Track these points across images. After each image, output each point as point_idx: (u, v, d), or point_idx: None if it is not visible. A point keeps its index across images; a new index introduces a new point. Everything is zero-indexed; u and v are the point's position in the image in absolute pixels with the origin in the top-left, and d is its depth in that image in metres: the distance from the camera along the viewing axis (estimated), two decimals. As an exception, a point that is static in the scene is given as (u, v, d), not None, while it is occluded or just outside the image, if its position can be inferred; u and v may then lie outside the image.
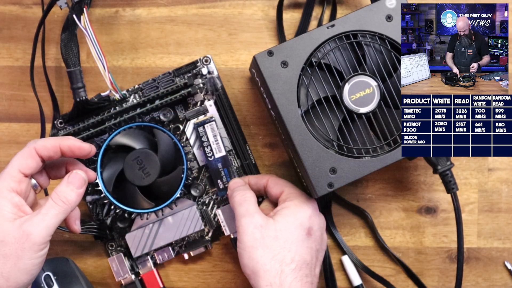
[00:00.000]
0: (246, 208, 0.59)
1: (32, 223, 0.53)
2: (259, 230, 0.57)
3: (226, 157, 0.65)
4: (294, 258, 0.57)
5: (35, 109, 0.67)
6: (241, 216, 0.59)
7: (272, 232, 0.58)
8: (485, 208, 0.68)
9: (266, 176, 0.64)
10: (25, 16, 0.68)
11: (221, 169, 0.65)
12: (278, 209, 0.60)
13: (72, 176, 0.57)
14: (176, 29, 0.68)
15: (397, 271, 0.68)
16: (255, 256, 0.57)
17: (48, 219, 0.54)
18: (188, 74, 0.66)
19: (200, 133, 0.64)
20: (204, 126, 0.64)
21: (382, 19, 0.59)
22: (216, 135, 0.64)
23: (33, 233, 0.53)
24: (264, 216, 0.59)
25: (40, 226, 0.53)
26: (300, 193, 0.62)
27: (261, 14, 0.68)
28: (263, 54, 0.59)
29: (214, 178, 0.65)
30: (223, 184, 0.65)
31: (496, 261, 0.68)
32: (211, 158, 0.65)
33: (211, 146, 0.64)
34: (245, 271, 0.58)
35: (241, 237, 0.58)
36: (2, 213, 0.53)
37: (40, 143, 0.56)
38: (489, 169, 0.68)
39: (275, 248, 0.57)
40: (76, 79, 0.63)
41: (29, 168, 0.56)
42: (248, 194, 0.60)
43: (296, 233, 0.58)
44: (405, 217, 0.68)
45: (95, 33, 0.62)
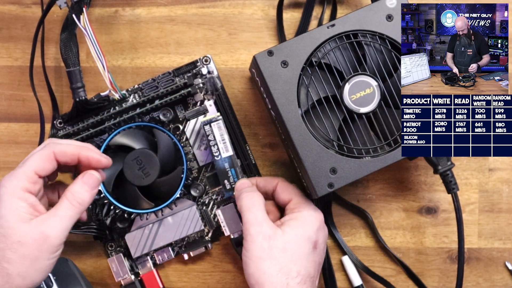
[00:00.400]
0: (254, 216, 0.58)
1: (50, 225, 0.54)
2: (267, 241, 0.56)
3: (234, 157, 0.64)
4: (300, 271, 0.57)
5: (34, 109, 0.67)
6: (249, 224, 0.57)
7: (281, 244, 0.57)
8: (486, 208, 0.67)
9: (275, 180, 0.63)
10: (24, 15, 0.68)
11: (228, 169, 0.64)
12: (286, 219, 0.59)
13: (86, 177, 0.57)
14: (176, 28, 0.68)
15: (398, 271, 0.68)
16: (262, 267, 0.56)
17: (65, 221, 0.55)
18: (188, 74, 0.66)
19: (207, 131, 0.63)
20: (211, 125, 0.63)
21: (382, 19, 0.59)
22: (223, 134, 0.63)
23: (51, 235, 0.54)
24: (273, 225, 0.58)
25: (57, 228, 0.54)
26: (308, 204, 0.61)
27: (261, 14, 0.68)
28: (263, 54, 0.59)
29: (221, 178, 0.64)
30: (230, 184, 0.64)
31: (497, 262, 0.67)
32: (218, 158, 0.63)
33: (217, 145, 0.63)
34: (249, 281, 0.57)
35: (249, 245, 0.57)
36: (19, 214, 0.54)
37: (60, 149, 0.56)
38: (490, 169, 0.67)
39: (282, 260, 0.56)
40: (75, 79, 0.63)
41: (45, 170, 0.56)
42: (256, 198, 0.59)
43: (303, 246, 0.58)
44: (406, 217, 0.68)
45: (95, 33, 0.62)
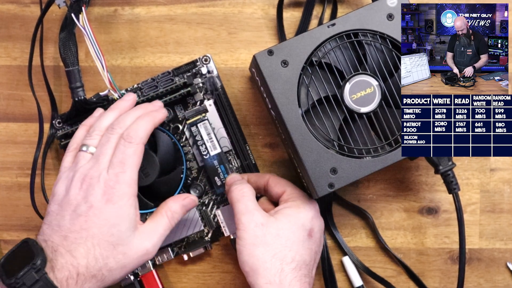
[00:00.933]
0: (245, 205, 0.58)
1: (152, 241, 0.57)
2: (260, 228, 0.57)
3: (222, 154, 0.64)
4: (294, 257, 0.57)
5: (33, 108, 0.67)
6: (241, 213, 0.58)
7: (274, 230, 0.57)
8: (487, 209, 0.67)
9: (266, 175, 0.63)
10: (23, 14, 0.68)
11: (217, 166, 0.64)
12: (280, 208, 0.60)
13: (187, 201, 0.60)
14: (175, 28, 0.68)
15: (398, 272, 0.67)
16: (256, 253, 0.56)
17: (162, 239, 0.58)
18: (188, 73, 0.66)
19: (194, 132, 0.64)
20: (197, 125, 0.64)
21: (383, 18, 0.59)
22: (210, 133, 0.64)
23: (151, 252, 0.57)
24: (265, 213, 0.58)
25: (156, 246, 0.58)
26: (302, 194, 0.61)
27: (261, 13, 0.68)
28: (263, 53, 0.59)
29: (211, 176, 0.65)
30: (221, 181, 0.65)
31: (498, 262, 0.67)
32: (207, 156, 0.64)
33: (205, 144, 0.64)
34: (243, 268, 0.57)
35: (241, 234, 0.57)
36: (130, 222, 0.56)
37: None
38: (491, 169, 0.67)
39: (276, 246, 0.57)
40: (74, 78, 0.63)
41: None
42: (246, 189, 0.60)
43: (298, 233, 0.58)
44: (407, 218, 0.67)
45: (94, 32, 0.62)
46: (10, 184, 0.68)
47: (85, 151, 0.57)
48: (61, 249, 0.54)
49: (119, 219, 0.55)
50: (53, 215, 0.55)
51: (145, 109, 0.60)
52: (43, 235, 0.55)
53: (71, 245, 0.54)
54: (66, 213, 0.55)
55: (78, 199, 0.55)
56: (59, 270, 0.53)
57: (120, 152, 0.56)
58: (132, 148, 0.56)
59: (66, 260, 0.53)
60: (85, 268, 0.53)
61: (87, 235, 0.54)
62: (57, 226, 0.55)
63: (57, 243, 0.54)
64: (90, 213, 0.54)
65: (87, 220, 0.54)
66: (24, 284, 0.51)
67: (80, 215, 0.54)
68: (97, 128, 0.58)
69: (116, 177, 0.55)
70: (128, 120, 0.58)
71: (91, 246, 0.54)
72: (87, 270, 0.53)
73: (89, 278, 0.54)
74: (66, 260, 0.53)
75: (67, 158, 0.59)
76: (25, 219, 0.67)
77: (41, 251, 0.53)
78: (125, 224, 0.55)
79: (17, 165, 0.68)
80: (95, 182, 0.55)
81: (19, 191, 0.67)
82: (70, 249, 0.54)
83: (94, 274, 0.54)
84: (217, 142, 0.64)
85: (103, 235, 0.54)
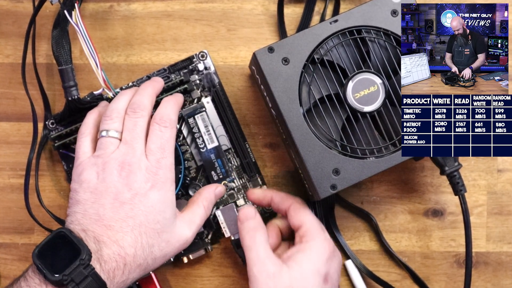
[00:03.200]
0: (256, 253, 0.56)
1: (191, 231, 0.58)
2: (272, 280, 0.55)
3: (219, 148, 0.64)
4: None
5: (26, 107, 0.66)
6: (252, 263, 0.56)
7: (287, 281, 0.55)
8: (495, 211, 0.67)
9: (290, 200, 0.61)
10: (16, 11, 0.68)
11: (215, 160, 0.64)
12: (293, 252, 0.58)
13: (219, 190, 0.62)
14: (173, 24, 0.67)
15: (403, 276, 0.67)
16: None
17: (199, 228, 0.59)
18: (184, 70, 0.66)
19: (191, 124, 0.64)
20: (194, 117, 0.64)
21: (387, 14, 0.59)
22: (208, 126, 0.64)
23: (190, 241, 0.58)
24: (277, 261, 0.56)
25: (194, 234, 0.59)
26: (317, 232, 0.59)
27: (261, 9, 0.68)
28: (263, 51, 0.58)
29: (208, 170, 0.64)
30: (217, 175, 0.64)
31: (506, 266, 0.67)
32: (204, 150, 0.64)
33: (202, 137, 0.64)
34: None
35: (252, 285, 0.56)
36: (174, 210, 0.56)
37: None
38: (499, 170, 0.67)
39: None
40: (67, 77, 0.62)
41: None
42: (258, 234, 0.58)
43: (312, 281, 0.56)
44: (411, 220, 0.67)
45: (87, 29, 0.61)
46: (2, 185, 0.67)
47: (105, 136, 0.56)
48: (105, 239, 0.52)
49: (164, 206, 0.55)
50: (87, 204, 0.54)
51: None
52: (80, 224, 0.53)
53: (117, 234, 0.53)
54: (106, 201, 0.53)
55: (118, 186, 0.54)
56: (106, 262, 0.52)
57: (157, 137, 0.56)
58: (168, 132, 0.56)
59: (113, 250, 0.52)
60: (132, 258, 0.53)
61: (133, 224, 0.53)
62: (95, 215, 0.53)
63: (100, 233, 0.53)
64: (136, 201, 0.54)
65: (133, 207, 0.53)
66: (73, 281, 0.50)
67: (124, 202, 0.53)
68: (115, 110, 0.57)
69: (158, 163, 0.55)
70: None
71: (138, 234, 0.53)
72: (134, 259, 0.53)
73: (135, 267, 0.53)
74: (113, 250, 0.52)
75: (84, 143, 0.57)
76: (18, 222, 0.67)
77: (84, 243, 0.52)
78: (169, 211, 0.55)
79: (9, 166, 0.67)
80: (136, 168, 0.54)
81: (12, 192, 0.67)
82: (116, 238, 0.52)
83: (140, 263, 0.53)
84: (214, 135, 0.64)
85: (149, 223, 0.54)
